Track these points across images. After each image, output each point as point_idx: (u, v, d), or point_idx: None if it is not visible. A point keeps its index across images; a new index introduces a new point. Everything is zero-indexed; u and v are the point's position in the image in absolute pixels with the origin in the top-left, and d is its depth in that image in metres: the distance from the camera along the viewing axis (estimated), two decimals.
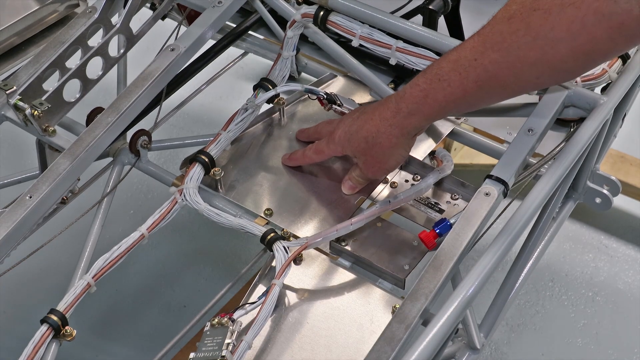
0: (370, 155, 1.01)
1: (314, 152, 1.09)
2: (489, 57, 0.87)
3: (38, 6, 1.43)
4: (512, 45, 0.86)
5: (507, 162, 0.98)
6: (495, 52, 0.87)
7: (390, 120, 0.97)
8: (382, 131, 0.98)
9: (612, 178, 1.42)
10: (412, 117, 0.95)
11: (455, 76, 0.90)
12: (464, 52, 0.90)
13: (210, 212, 1.04)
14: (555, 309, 1.70)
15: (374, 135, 0.99)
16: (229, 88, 2.21)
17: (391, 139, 0.98)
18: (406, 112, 0.95)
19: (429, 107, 0.94)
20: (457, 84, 0.90)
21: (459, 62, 0.90)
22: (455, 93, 0.91)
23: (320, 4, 1.19)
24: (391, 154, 1.00)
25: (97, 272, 0.97)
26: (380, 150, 1.00)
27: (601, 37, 0.82)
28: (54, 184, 1.03)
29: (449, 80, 0.91)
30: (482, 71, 0.88)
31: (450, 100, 0.92)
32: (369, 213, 1.01)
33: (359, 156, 1.03)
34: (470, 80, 0.89)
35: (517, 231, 0.92)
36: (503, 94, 0.95)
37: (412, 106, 0.95)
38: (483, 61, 0.88)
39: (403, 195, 1.03)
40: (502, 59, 0.87)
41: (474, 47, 0.89)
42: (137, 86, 1.13)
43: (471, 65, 0.89)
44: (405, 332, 0.83)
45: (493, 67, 0.88)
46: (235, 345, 0.87)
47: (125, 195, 1.91)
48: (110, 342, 1.65)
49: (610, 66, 1.10)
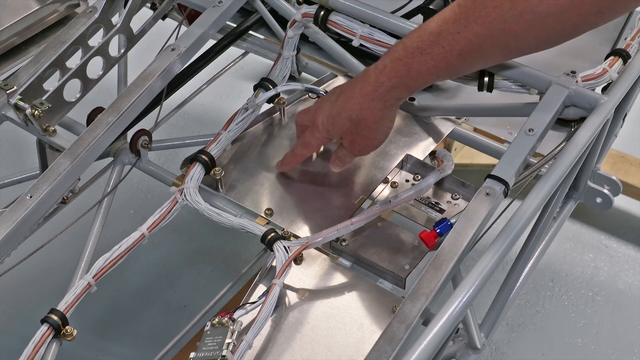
0: (357, 134, 1.01)
1: (302, 147, 1.08)
2: (473, 30, 0.87)
3: (38, 6, 1.43)
4: (496, 19, 0.85)
5: (508, 162, 0.98)
6: (479, 25, 0.86)
7: (372, 95, 0.97)
8: (365, 107, 0.98)
9: (613, 178, 1.42)
10: (394, 89, 0.95)
11: (438, 49, 0.90)
12: (446, 25, 0.89)
13: (210, 211, 1.04)
14: (555, 309, 1.70)
15: (358, 113, 0.98)
16: (229, 88, 2.21)
17: (375, 113, 0.98)
18: (388, 85, 0.95)
19: (412, 80, 0.94)
20: (441, 57, 0.90)
21: (442, 35, 0.89)
22: (438, 65, 0.91)
23: (321, 3, 1.19)
24: (378, 129, 1.00)
25: (98, 272, 0.97)
26: (366, 127, 0.99)
27: (590, 11, 0.82)
28: (54, 184, 1.03)
29: (432, 54, 0.91)
30: (465, 44, 0.88)
31: (433, 72, 0.93)
32: (369, 213, 1.01)
33: (346, 136, 1.02)
34: (454, 53, 0.90)
35: (518, 231, 0.92)
36: (486, 64, 0.98)
37: (395, 80, 0.95)
38: (467, 34, 0.88)
39: (404, 194, 1.03)
40: (486, 32, 0.87)
41: (456, 19, 0.88)
42: (137, 86, 1.13)
43: (455, 39, 0.89)
44: (405, 332, 0.83)
45: (477, 40, 0.88)
46: (235, 345, 0.87)
47: (126, 195, 1.91)
48: (110, 342, 1.65)
49: (610, 66, 1.10)
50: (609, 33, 1.29)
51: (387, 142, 1.17)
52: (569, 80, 1.07)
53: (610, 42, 1.27)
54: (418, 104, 1.22)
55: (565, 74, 1.07)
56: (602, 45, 1.26)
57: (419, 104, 1.22)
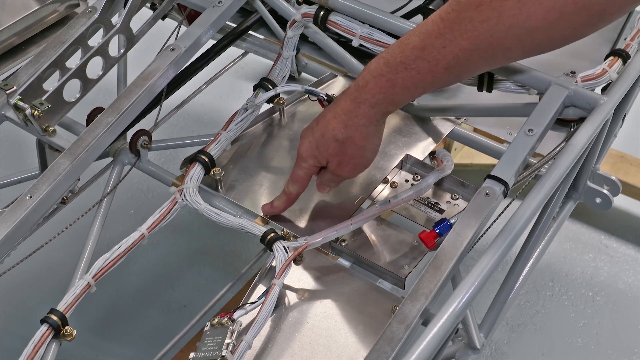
0: (344, 154, 0.98)
1: (292, 183, 1.04)
2: (459, 45, 0.86)
3: (38, 6, 1.43)
4: (484, 33, 0.84)
5: (508, 162, 0.97)
6: (466, 40, 0.85)
7: (355, 112, 0.94)
8: (349, 124, 0.95)
9: (613, 178, 1.42)
10: (378, 105, 0.94)
11: (423, 64, 0.89)
12: (430, 40, 0.88)
13: (210, 212, 1.04)
14: (555, 309, 1.70)
15: (343, 131, 0.96)
16: (229, 88, 2.21)
17: (361, 130, 0.95)
18: (372, 102, 0.93)
19: (397, 95, 0.93)
20: (426, 71, 0.89)
21: (426, 50, 0.88)
22: (424, 80, 0.90)
23: (321, 3, 1.19)
24: (365, 146, 0.98)
25: (97, 272, 0.97)
26: (353, 145, 0.97)
27: (581, 24, 0.81)
28: (54, 184, 1.03)
29: (417, 69, 0.89)
30: (452, 58, 0.87)
31: (419, 86, 0.91)
32: (369, 213, 1.01)
33: (332, 159, 0.99)
34: (440, 67, 0.88)
35: (517, 231, 0.92)
36: (473, 74, 0.98)
37: (379, 96, 0.93)
38: (453, 49, 0.86)
39: (403, 195, 1.03)
40: (473, 46, 0.85)
41: (440, 34, 0.87)
42: (137, 86, 1.13)
43: (440, 53, 0.87)
44: (405, 332, 0.83)
45: (464, 54, 0.86)
46: (235, 345, 0.87)
47: (126, 195, 1.91)
48: (110, 342, 1.65)
49: (610, 66, 1.10)
50: (608, 33, 1.29)
51: (386, 142, 1.17)
52: (569, 80, 1.07)
53: (610, 42, 1.27)
54: (418, 104, 1.22)
55: (565, 74, 1.07)
56: (602, 45, 1.26)
57: (419, 104, 1.22)
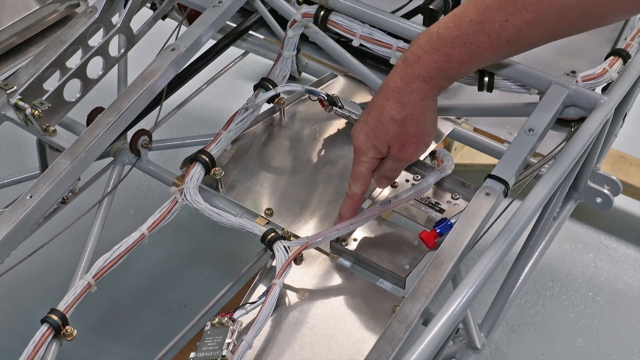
0: (405, 134, 0.93)
1: (354, 182, 0.99)
2: (523, 18, 0.84)
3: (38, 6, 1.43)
4: (551, 7, 0.82)
5: (508, 162, 0.97)
6: (531, 13, 0.83)
7: (409, 88, 0.91)
8: (404, 102, 0.91)
9: (613, 178, 1.41)
10: (433, 79, 0.90)
11: (483, 38, 0.86)
12: (490, 13, 0.85)
13: (210, 211, 1.04)
14: (555, 309, 1.70)
15: (399, 110, 0.92)
16: (229, 88, 2.21)
17: (418, 104, 0.91)
18: (426, 76, 0.90)
19: (452, 70, 0.90)
20: (486, 46, 0.87)
21: (486, 23, 0.86)
22: (482, 54, 0.88)
23: (321, 3, 1.19)
24: (426, 121, 0.94)
25: (98, 271, 0.97)
26: (413, 122, 0.93)
27: None
28: (54, 184, 1.03)
29: (476, 43, 0.87)
30: (514, 32, 0.85)
31: (476, 60, 0.89)
32: (369, 213, 1.01)
33: (394, 142, 0.94)
34: (501, 41, 0.86)
35: (518, 231, 0.92)
36: (533, 48, 0.92)
37: (433, 70, 0.90)
38: (516, 22, 0.84)
39: (404, 195, 1.03)
40: (538, 19, 0.84)
41: (501, 7, 0.85)
42: (137, 86, 1.13)
43: (502, 27, 0.85)
44: (405, 332, 0.83)
45: (527, 28, 0.85)
46: (235, 345, 0.87)
47: (126, 195, 1.91)
48: (110, 342, 1.65)
49: (610, 66, 1.10)
50: (609, 33, 1.29)
51: None
52: (569, 80, 1.07)
53: (610, 42, 1.27)
54: None
55: (565, 74, 1.07)
56: (602, 45, 1.26)
57: None
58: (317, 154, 1.16)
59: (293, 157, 1.17)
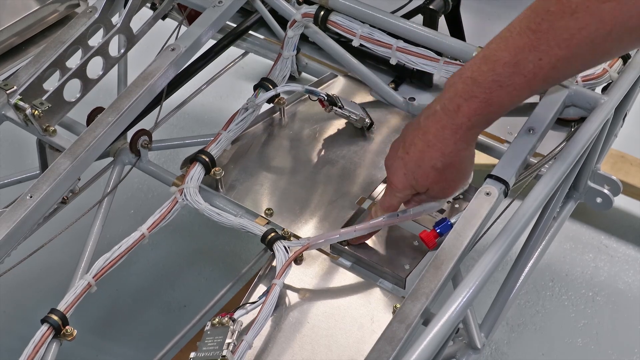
0: (445, 180, 0.95)
1: (383, 210, 1.00)
2: (557, 55, 0.83)
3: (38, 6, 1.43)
4: (583, 41, 0.81)
5: (508, 162, 0.97)
6: (563, 49, 0.82)
7: (452, 139, 0.91)
8: (447, 153, 0.92)
9: (613, 178, 1.41)
10: (475, 127, 0.91)
11: (519, 79, 0.86)
12: (523, 54, 0.85)
13: (210, 211, 1.04)
14: (555, 309, 1.70)
15: (442, 160, 0.93)
16: (229, 88, 2.21)
17: (461, 154, 0.93)
18: (469, 125, 0.90)
19: (493, 113, 0.90)
20: (524, 86, 0.86)
21: (520, 65, 0.85)
22: (521, 95, 0.88)
23: (321, 3, 1.19)
24: (466, 167, 0.96)
25: (98, 271, 0.97)
26: (454, 171, 0.94)
27: None
28: (54, 184, 1.03)
29: (513, 85, 0.86)
30: (549, 69, 0.84)
31: (515, 101, 0.89)
32: (375, 223, 1.00)
33: (433, 186, 0.96)
34: (537, 79, 0.85)
35: (518, 231, 0.92)
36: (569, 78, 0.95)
37: (475, 118, 0.90)
38: (550, 60, 0.83)
39: (413, 211, 1.00)
40: (572, 54, 0.83)
41: (533, 46, 0.84)
42: (137, 86, 1.13)
43: (537, 66, 0.84)
44: (405, 332, 0.83)
45: (562, 64, 0.84)
46: (235, 345, 0.87)
47: (126, 195, 1.90)
48: (110, 342, 1.64)
49: (610, 66, 1.10)
50: None
51: (387, 142, 1.17)
52: (569, 80, 1.07)
53: None
54: (418, 104, 1.22)
55: None
56: None
57: (419, 104, 1.22)
58: (317, 154, 1.16)
59: (293, 157, 1.17)
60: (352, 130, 1.20)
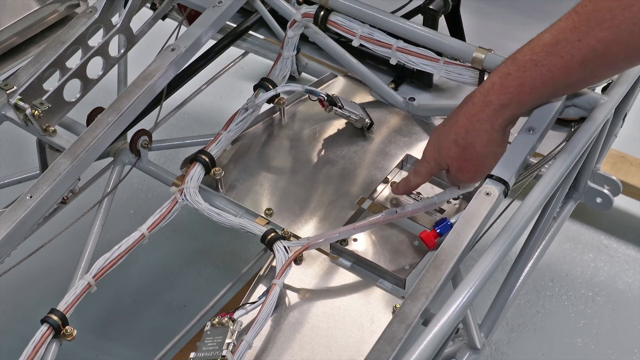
0: (464, 159, 0.94)
1: (414, 175, 1.02)
2: (597, 36, 0.82)
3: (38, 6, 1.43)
4: (624, 21, 0.80)
5: (508, 162, 0.97)
6: (604, 30, 0.81)
7: (478, 116, 0.90)
8: (470, 129, 0.91)
9: (613, 178, 1.42)
10: (504, 109, 0.89)
11: (556, 60, 0.85)
12: (563, 34, 0.84)
13: (210, 211, 1.04)
14: (555, 309, 1.70)
15: (463, 136, 0.92)
16: (229, 88, 2.21)
17: (483, 136, 0.91)
18: (497, 104, 0.89)
19: (525, 95, 0.88)
20: (560, 67, 0.85)
21: (559, 44, 0.84)
22: (555, 77, 0.86)
23: (321, 3, 1.19)
24: (486, 154, 0.94)
25: (98, 271, 0.97)
26: (474, 152, 0.93)
27: None
28: (54, 184, 1.03)
29: (548, 66, 0.85)
30: (588, 51, 0.83)
31: (549, 85, 0.87)
32: (373, 220, 1.00)
33: (453, 163, 0.95)
34: (574, 62, 0.84)
35: (518, 231, 0.92)
36: (610, 73, 0.91)
37: (504, 97, 0.88)
38: (589, 41, 0.82)
39: (410, 207, 1.01)
40: (612, 36, 0.81)
41: (574, 27, 0.83)
42: (137, 86, 1.13)
43: (575, 47, 0.83)
44: (405, 332, 0.83)
45: (601, 46, 0.83)
46: (235, 345, 0.87)
47: (126, 195, 1.90)
48: (110, 342, 1.64)
49: None
50: None
51: (386, 142, 1.17)
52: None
53: None
54: (418, 104, 1.22)
55: None
56: None
57: (419, 104, 1.22)
58: (317, 154, 1.16)
59: (293, 157, 1.17)
60: (352, 130, 1.20)
